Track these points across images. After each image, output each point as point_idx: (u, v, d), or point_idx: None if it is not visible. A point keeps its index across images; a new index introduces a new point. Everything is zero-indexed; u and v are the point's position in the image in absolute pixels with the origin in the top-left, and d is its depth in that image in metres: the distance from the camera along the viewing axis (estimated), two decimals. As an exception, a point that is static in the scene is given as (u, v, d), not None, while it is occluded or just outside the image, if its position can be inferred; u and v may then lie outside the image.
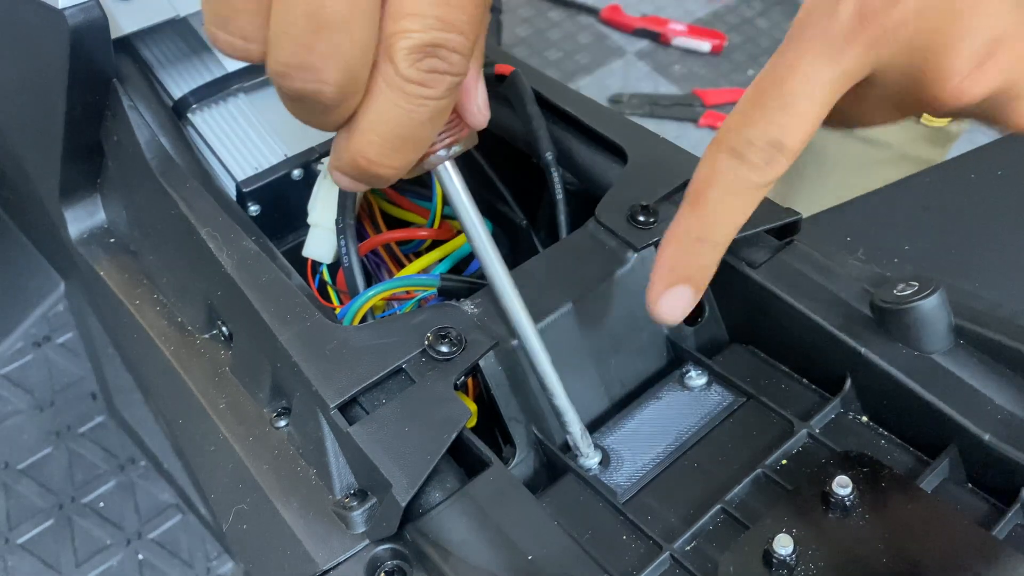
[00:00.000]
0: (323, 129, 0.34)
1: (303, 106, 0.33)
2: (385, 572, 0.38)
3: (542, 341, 0.42)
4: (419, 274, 0.52)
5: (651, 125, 0.92)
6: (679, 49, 1.70)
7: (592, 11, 1.77)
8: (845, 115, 0.37)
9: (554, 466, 0.45)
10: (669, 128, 1.54)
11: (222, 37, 0.32)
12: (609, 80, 1.64)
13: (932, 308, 0.42)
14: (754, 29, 1.86)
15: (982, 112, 0.35)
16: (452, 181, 0.39)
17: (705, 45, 1.73)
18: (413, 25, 0.31)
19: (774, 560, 0.36)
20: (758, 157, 0.35)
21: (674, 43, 1.70)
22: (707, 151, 0.37)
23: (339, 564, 0.39)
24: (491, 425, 0.45)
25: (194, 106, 0.60)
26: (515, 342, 0.43)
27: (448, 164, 0.38)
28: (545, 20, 1.77)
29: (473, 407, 0.44)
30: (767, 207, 0.49)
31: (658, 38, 1.71)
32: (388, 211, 0.59)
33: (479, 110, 0.38)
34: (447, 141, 0.37)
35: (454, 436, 0.39)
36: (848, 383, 0.44)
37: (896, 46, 0.33)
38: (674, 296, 0.39)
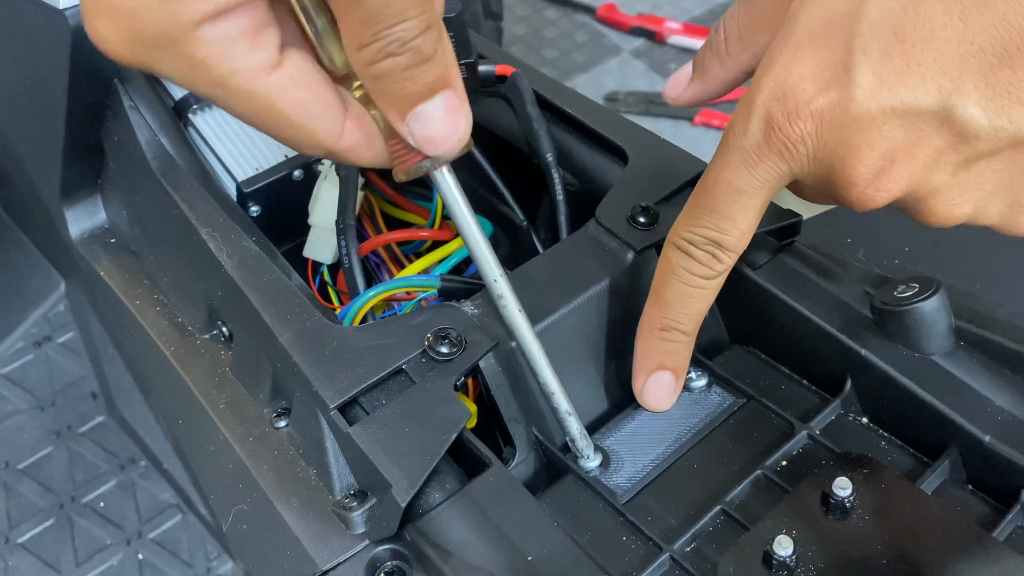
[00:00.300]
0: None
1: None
2: (385, 572, 0.38)
3: (540, 345, 0.42)
4: (419, 275, 0.52)
5: (647, 123, 0.92)
6: (675, 47, 1.70)
7: (588, 9, 1.76)
8: (799, 195, 0.40)
9: (554, 467, 0.45)
10: (665, 126, 1.53)
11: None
12: (605, 78, 1.64)
13: (932, 310, 0.42)
14: (752, 28, 1.84)
15: (900, 209, 0.38)
16: (448, 185, 0.39)
17: (701, 43, 1.73)
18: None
19: (774, 561, 0.36)
20: (701, 254, 0.40)
21: (670, 41, 1.70)
22: (664, 244, 0.41)
23: (339, 564, 0.39)
24: (491, 426, 0.45)
25: (195, 106, 0.59)
26: (515, 343, 0.43)
27: (444, 169, 0.38)
28: (541, 19, 1.77)
29: (473, 408, 0.44)
30: (768, 209, 0.49)
31: (654, 36, 1.70)
32: (388, 212, 0.59)
33: (425, 143, 0.35)
34: None
35: (454, 437, 0.39)
36: (848, 384, 0.44)
37: (803, 158, 0.36)
38: (656, 382, 0.43)
